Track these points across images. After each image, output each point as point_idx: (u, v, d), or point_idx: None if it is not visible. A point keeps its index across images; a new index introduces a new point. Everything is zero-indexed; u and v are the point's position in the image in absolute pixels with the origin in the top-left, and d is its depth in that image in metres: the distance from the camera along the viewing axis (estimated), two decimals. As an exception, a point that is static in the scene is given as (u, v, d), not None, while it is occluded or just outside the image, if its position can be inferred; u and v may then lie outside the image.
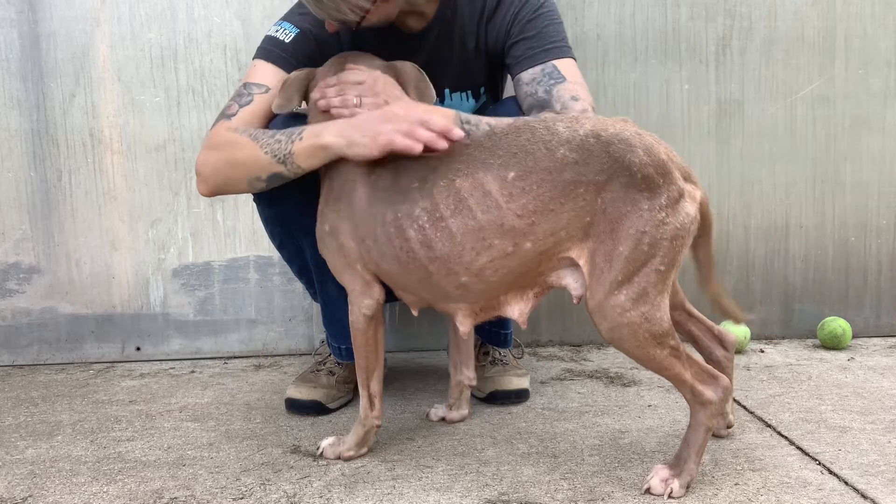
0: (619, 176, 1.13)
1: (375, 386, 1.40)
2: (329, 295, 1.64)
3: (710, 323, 1.42)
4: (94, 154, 2.16)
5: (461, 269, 1.22)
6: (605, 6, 2.19)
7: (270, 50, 1.51)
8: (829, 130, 2.26)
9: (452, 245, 1.21)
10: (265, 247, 2.19)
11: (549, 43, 1.50)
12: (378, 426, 1.41)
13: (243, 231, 2.20)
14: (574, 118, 1.20)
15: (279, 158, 1.33)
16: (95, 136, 2.16)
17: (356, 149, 1.27)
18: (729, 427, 1.45)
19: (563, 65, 1.49)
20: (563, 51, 1.51)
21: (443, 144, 1.24)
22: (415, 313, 1.39)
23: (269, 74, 1.49)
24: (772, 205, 2.27)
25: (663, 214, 1.12)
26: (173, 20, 2.14)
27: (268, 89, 1.47)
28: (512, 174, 1.18)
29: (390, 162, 1.29)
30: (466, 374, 1.60)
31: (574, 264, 1.21)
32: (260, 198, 1.58)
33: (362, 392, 1.40)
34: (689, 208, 1.15)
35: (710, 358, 1.40)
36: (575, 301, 1.24)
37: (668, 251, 1.13)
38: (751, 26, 2.21)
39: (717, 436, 1.45)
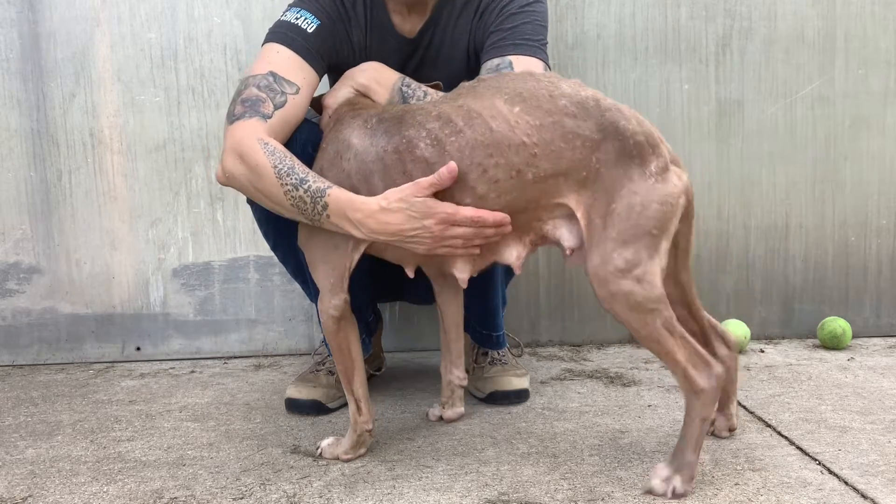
0: (613, 139, 1.18)
1: (359, 389, 1.38)
2: None
3: (714, 321, 1.42)
4: (94, 154, 2.17)
5: (466, 190, 1.22)
6: (605, 6, 2.19)
7: (293, 38, 1.44)
8: (829, 130, 2.26)
9: (461, 158, 1.21)
10: (265, 247, 2.18)
11: (521, 39, 1.49)
12: (369, 430, 1.40)
13: (243, 231, 2.20)
14: (578, 83, 1.24)
15: (306, 216, 1.29)
16: (95, 136, 2.16)
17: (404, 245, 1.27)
18: (731, 430, 1.45)
19: (523, 62, 1.46)
20: (532, 49, 1.48)
21: (489, 231, 1.24)
22: (409, 273, 1.37)
23: (296, 69, 1.42)
24: (772, 205, 2.27)
25: (653, 180, 1.18)
26: (173, 20, 2.14)
27: (298, 89, 1.40)
28: (517, 109, 1.21)
29: (391, 110, 1.32)
30: (456, 374, 1.59)
31: (570, 215, 1.24)
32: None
33: (348, 397, 1.39)
34: (677, 181, 1.20)
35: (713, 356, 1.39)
36: (567, 253, 1.26)
37: (660, 216, 1.17)
38: (751, 26, 2.21)
39: (717, 436, 1.45)
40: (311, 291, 1.73)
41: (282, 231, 1.58)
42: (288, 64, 1.41)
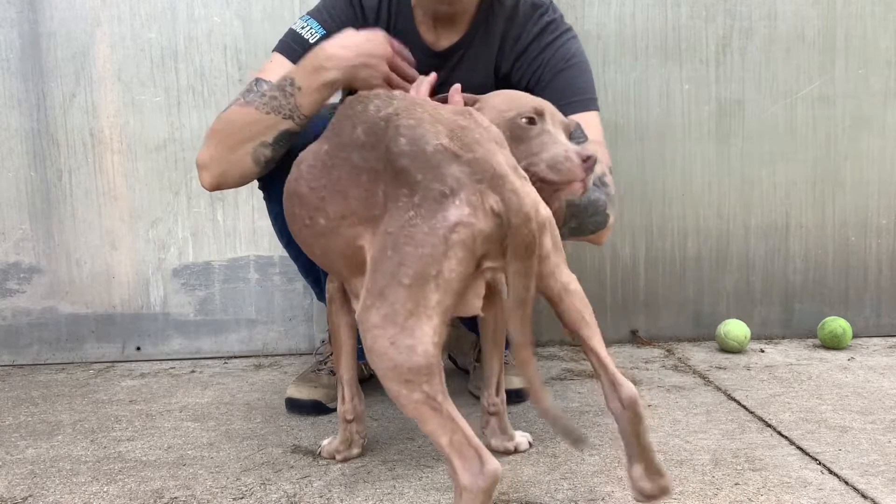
0: (390, 167, 0.97)
1: (344, 374, 1.38)
2: None
3: (613, 369, 1.13)
4: (94, 154, 2.17)
5: (301, 241, 1.20)
6: (605, 6, 2.19)
7: (293, 47, 1.49)
8: (829, 130, 2.26)
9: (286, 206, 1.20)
10: (265, 247, 2.20)
11: (575, 97, 1.53)
12: (349, 420, 1.38)
13: (243, 231, 2.20)
14: (403, 97, 1.08)
15: (284, 114, 1.30)
16: (95, 136, 2.16)
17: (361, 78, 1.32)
18: (645, 495, 1.08)
19: (586, 120, 1.50)
20: (588, 103, 1.53)
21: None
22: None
23: (282, 72, 1.45)
24: (772, 205, 2.27)
25: (412, 213, 0.92)
26: (173, 20, 2.14)
27: None
28: (325, 147, 1.11)
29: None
30: (486, 396, 1.41)
31: None
32: (269, 195, 1.58)
33: (338, 384, 1.39)
34: (455, 214, 0.91)
35: (608, 406, 1.13)
36: None
37: (412, 261, 0.90)
38: (751, 26, 2.21)
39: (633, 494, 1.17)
40: (320, 290, 1.73)
41: None
42: (277, 70, 1.45)
